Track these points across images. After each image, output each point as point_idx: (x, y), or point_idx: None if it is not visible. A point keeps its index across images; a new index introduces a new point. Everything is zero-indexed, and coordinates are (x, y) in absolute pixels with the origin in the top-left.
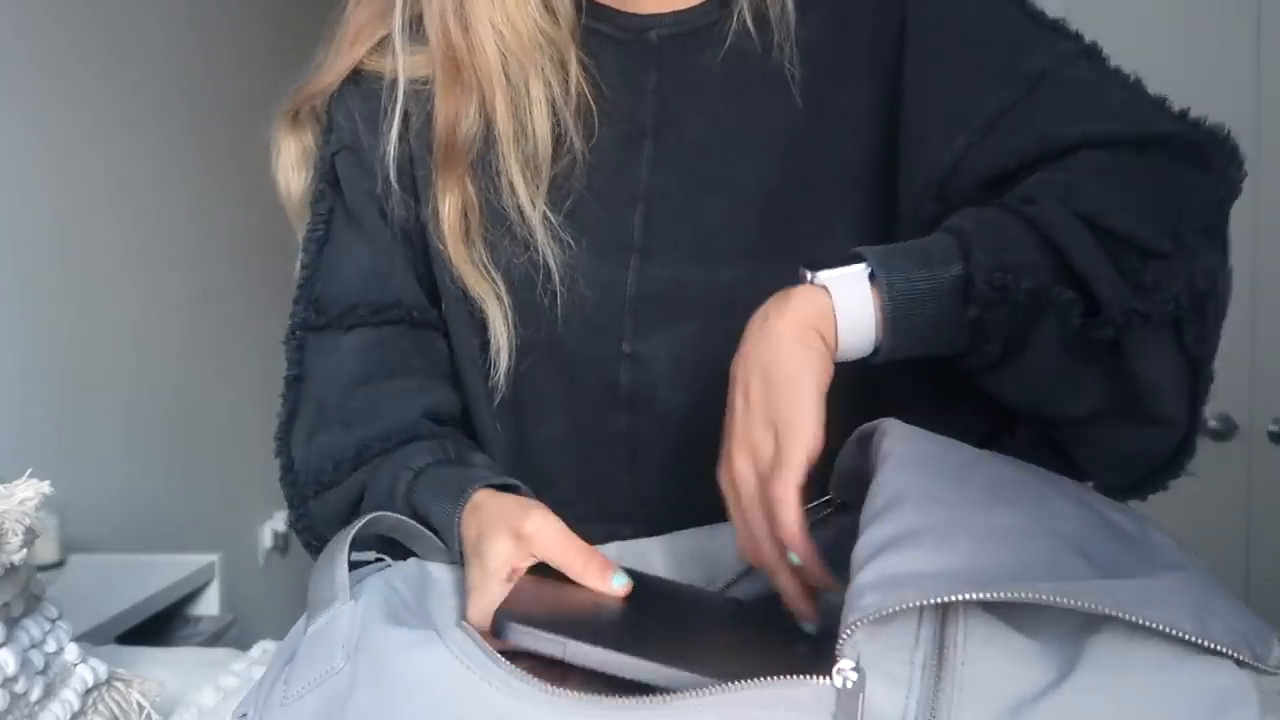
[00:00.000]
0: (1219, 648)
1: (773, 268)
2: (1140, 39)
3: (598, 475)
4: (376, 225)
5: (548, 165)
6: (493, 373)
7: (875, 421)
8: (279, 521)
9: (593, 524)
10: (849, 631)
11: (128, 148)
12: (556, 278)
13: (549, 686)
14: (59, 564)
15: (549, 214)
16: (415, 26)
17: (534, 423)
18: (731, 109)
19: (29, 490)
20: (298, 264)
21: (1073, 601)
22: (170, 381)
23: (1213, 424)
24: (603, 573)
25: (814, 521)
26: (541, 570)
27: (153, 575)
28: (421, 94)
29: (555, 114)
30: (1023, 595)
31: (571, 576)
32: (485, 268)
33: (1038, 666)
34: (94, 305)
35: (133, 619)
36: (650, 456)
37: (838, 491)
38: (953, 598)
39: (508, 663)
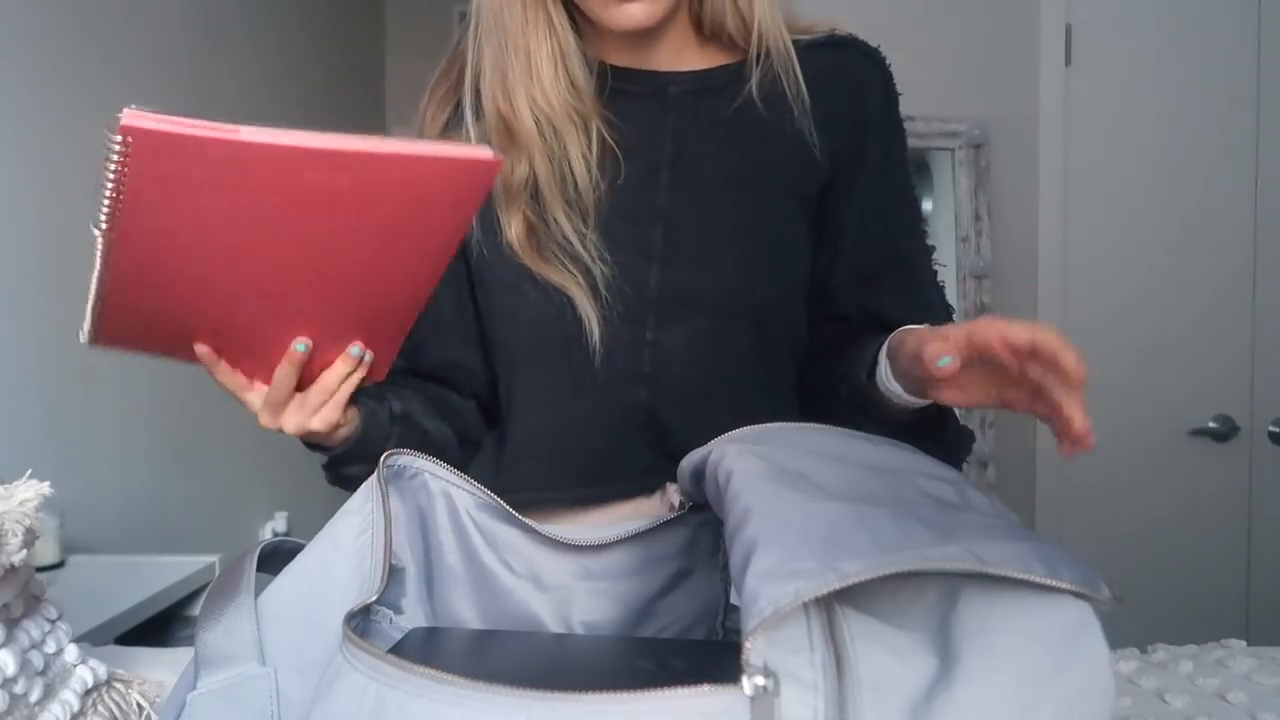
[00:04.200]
0: (1067, 587)
1: (766, 278)
2: (1141, 40)
3: (618, 440)
4: None
5: (589, 198)
6: (589, 340)
7: (704, 450)
8: (279, 521)
9: (616, 481)
10: (752, 639)
11: None
12: (601, 285)
13: (457, 679)
14: (59, 565)
15: (591, 237)
16: (475, 105)
17: (560, 401)
18: (735, 153)
19: (29, 491)
20: None
21: (948, 565)
22: (170, 382)
23: (1212, 424)
24: None
25: (673, 519)
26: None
27: (153, 575)
28: None
29: (586, 162)
30: (907, 566)
31: None
32: (560, 266)
33: (918, 656)
34: None
35: (133, 619)
36: (666, 422)
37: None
38: (849, 581)
39: (416, 665)
